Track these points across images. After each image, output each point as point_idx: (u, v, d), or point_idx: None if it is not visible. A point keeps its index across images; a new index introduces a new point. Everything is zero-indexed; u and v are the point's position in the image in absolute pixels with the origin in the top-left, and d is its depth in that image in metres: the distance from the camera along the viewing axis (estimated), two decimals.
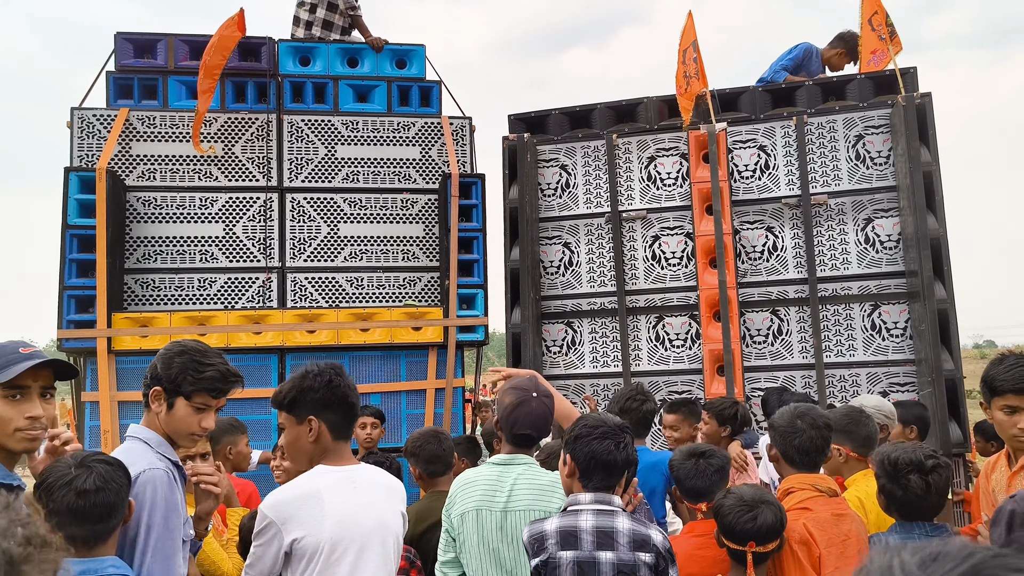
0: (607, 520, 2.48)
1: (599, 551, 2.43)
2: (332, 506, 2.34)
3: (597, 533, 2.45)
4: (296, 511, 2.33)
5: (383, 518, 2.43)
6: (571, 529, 2.47)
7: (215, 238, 5.92)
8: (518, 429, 2.81)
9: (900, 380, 5.57)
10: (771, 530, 2.63)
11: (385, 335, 5.75)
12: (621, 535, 2.45)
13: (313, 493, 2.36)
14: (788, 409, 3.02)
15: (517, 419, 2.81)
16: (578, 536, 2.46)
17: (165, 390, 2.36)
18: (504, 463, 2.83)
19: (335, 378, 2.46)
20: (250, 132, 6.04)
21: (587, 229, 6.22)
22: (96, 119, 5.86)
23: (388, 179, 6.18)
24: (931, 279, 5.33)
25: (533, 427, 2.82)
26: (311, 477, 2.44)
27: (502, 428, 2.87)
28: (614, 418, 2.67)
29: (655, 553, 2.44)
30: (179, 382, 2.36)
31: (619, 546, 2.43)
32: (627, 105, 6.34)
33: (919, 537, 2.83)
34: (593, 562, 2.42)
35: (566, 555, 2.44)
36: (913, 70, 5.89)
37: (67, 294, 5.45)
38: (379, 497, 2.46)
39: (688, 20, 6.15)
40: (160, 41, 6.01)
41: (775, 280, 5.84)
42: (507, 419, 2.83)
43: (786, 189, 5.88)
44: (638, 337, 6.03)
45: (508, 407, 2.84)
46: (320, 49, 6.22)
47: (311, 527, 2.31)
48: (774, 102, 6.08)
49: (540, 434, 2.86)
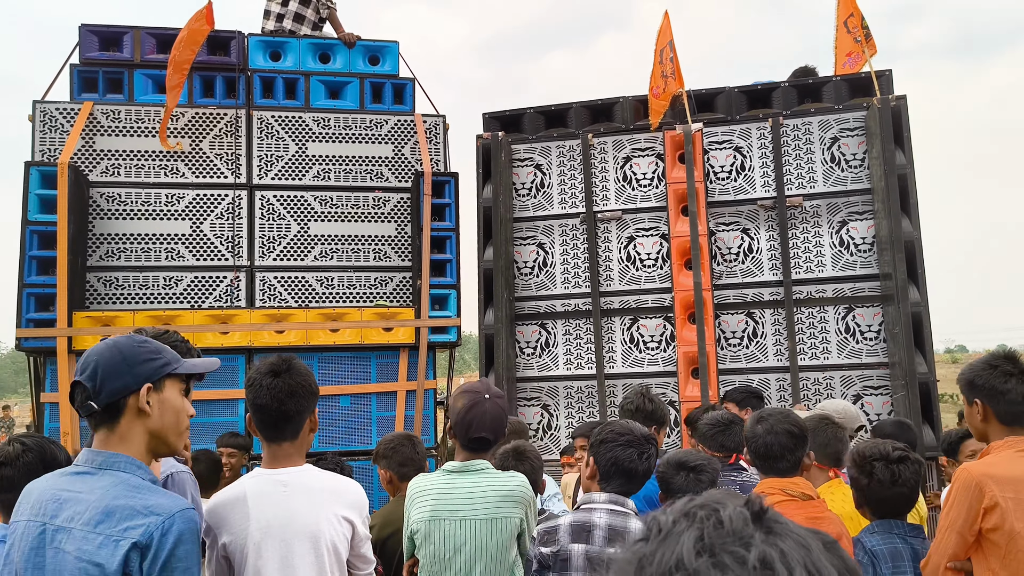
0: (620, 520, 2.51)
1: (610, 547, 2.45)
2: (256, 510, 2.24)
3: (610, 531, 2.48)
4: (224, 515, 2.25)
5: (315, 522, 2.31)
6: (584, 524, 2.50)
7: (181, 236, 5.78)
8: (473, 432, 2.70)
9: (874, 383, 5.55)
10: None
11: (355, 336, 5.64)
12: (632, 535, 2.40)
13: (239, 497, 2.27)
14: (756, 414, 2.98)
15: (471, 422, 2.70)
16: (591, 531, 2.49)
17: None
18: (460, 470, 2.71)
19: (256, 377, 2.35)
20: (218, 128, 5.91)
21: (562, 229, 6.15)
22: (59, 113, 5.71)
23: (360, 177, 6.08)
24: (905, 282, 5.32)
25: (488, 429, 2.70)
26: (241, 481, 2.35)
27: (456, 434, 2.76)
28: (641, 427, 2.68)
29: None
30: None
31: None
32: (603, 104, 6.28)
33: (899, 538, 2.79)
34: (602, 558, 2.43)
35: (577, 548, 2.46)
36: (888, 73, 5.89)
37: (26, 292, 5.29)
38: (315, 500, 2.34)
39: (664, 20, 6.10)
40: (126, 34, 5.86)
41: (750, 282, 5.81)
42: (461, 423, 2.72)
43: (762, 191, 5.85)
44: (612, 339, 5.97)
45: (461, 411, 2.74)
46: (291, 44, 6.10)
47: (237, 531, 2.23)
48: (750, 103, 6.05)
49: (496, 436, 2.75)
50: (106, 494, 1.78)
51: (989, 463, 2.61)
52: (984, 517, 2.55)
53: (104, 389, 1.85)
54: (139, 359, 1.90)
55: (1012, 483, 2.52)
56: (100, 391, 1.84)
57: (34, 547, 1.79)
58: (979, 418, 2.77)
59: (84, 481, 1.83)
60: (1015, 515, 2.51)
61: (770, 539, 0.69)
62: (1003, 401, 2.68)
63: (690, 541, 0.70)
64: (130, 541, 1.70)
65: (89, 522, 1.74)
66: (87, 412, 1.87)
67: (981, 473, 2.57)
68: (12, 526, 1.86)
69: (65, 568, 1.73)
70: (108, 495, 1.78)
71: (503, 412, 2.77)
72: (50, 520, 1.78)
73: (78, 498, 1.79)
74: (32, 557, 1.78)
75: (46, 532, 1.78)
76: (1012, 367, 2.71)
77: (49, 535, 1.77)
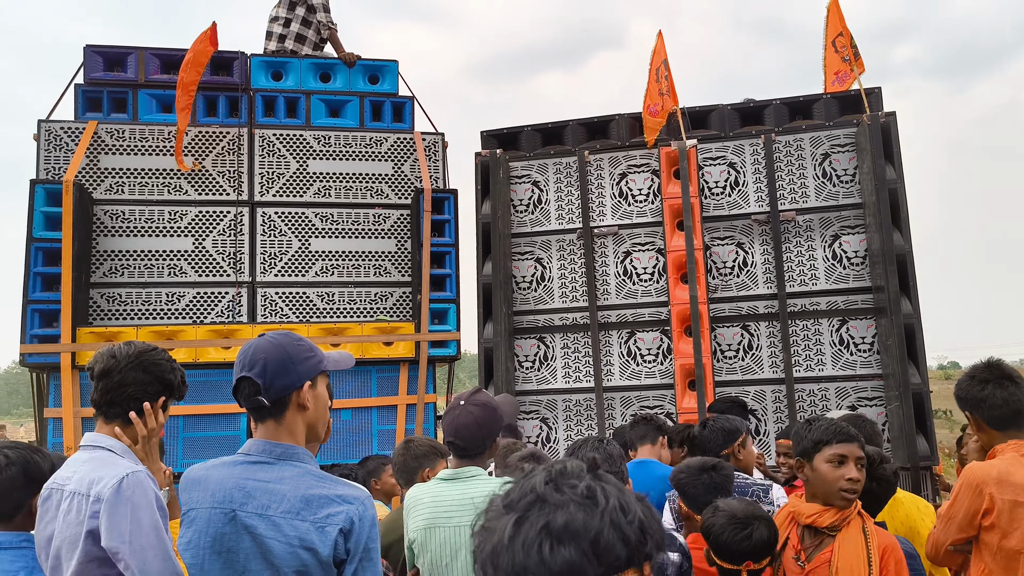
0: None
1: None
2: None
3: None
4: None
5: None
6: None
7: (184, 252, 5.85)
8: (446, 438, 2.81)
9: (868, 394, 5.63)
10: (766, 546, 2.55)
11: (356, 350, 5.70)
12: None
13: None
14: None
15: (445, 428, 2.81)
16: None
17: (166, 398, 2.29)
18: (451, 478, 2.76)
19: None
20: (221, 146, 6.00)
21: (559, 245, 6.24)
22: (64, 132, 5.79)
23: (360, 194, 6.17)
24: (897, 294, 5.42)
25: (455, 435, 2.75)
26: None
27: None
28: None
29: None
30: (179, 388, 2.33)
31: None
32: (599, 122, 6.40)
33: None
34: None
35: None
36: (878, 90, 6.02)
37: (31, 308, 5.34)
38: None
39: (658, 40, 6.24)
40: (131, 54, 5.96)
41: (745, 295, 5.90)
42: (442, 429, 2.83)
43: (755, 206, 5.96)
44: (610, 352, 6.04)
45: (443, 418, 2.85)
46: (292, 64, 6.21)
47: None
48: (743, 120, 6.17)
49: (465, 442, 2.76)
50: (299, 483, 1.90)
51: (992, 465, 2.70)
52: (982, 516, 2.65)
53: (274, 385, 1.95)
54: (301, 357, 2.01)
55: (1012, 486, 2.61)
56: (270, 387, 1.95)
57: (224, 532, 1.87)
58: (975, 428, 2.87)
59: (266, 471, 1.93)
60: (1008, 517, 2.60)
61: (597, 480, 1.08)
62: (985, 408, 2.77)
63: (541, 477, 1.08)
64: (337, 527, 1.84)
65: (290, 510, 1.86)
66: (255, 406, 1.97)
67: (983, 475, 2.67)
68: (192, 513, 1.92)
69: (270, 552, 1.83)
70: (301, 484, 1.89)
71: (475, 419, 2.75)
72: (240, 507, 1.88)
73: (267, 488, 1.89)
74: (223, 541, 1.87)
75: (237, 518, 1.87)
76: (987, 374, 2.80)
77: (242, 521, 1.86)
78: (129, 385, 2.23)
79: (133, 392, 2.23)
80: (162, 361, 2.30)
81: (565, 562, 0.99)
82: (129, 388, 2.23)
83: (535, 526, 1.02)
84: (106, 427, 2.25)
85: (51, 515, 2.10)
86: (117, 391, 2.23)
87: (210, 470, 1.98)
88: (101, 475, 2.07)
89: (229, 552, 1.87)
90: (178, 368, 2.36)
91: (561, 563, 0.99)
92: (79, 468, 2.13)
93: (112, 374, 2.23)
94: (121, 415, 2.24)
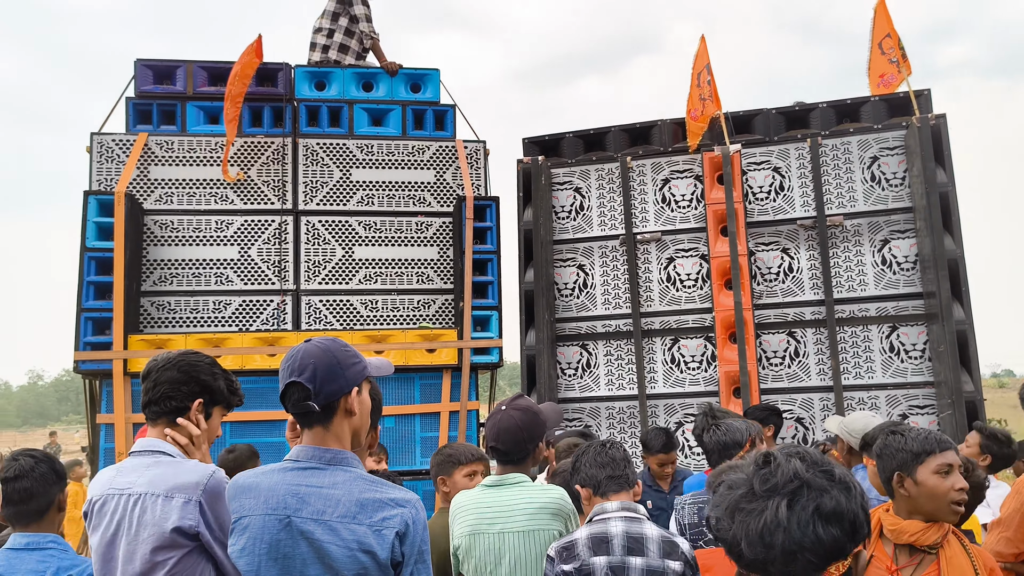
0: (636, 527, 2.48)
1: (630, 556, 2.42)
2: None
3: (627, 538, 2.45)
4: None
5: None
6: (602, 535, 2.47)
7: (230, 261, 5.95)
8: (488, 443, 2.80)
9: (920, 402, 5.50)
10: None
11: (399, 357, 5.74)
12: (651, 541, 2.44)
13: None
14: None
15: (487, 433, 2.81)
16: (609, 542, 2.45)
17: (205, 401, 2.34)
18: (495, 484, 2.77)
19: None
20: (266, 156, 6.10)
21: (601, 251, 6.21)
22: (115, 144, 5.93)
23: (403, 202, 6.21)
24: (949, 300, 5.29)
25: (496, 439, 2.76)
26: None
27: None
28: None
29: (683, 561, 2.42)
30: (222, 392, 2.36)
31: (649, 552, 2.42)
32: (641, 128, 6.36)
33: None
34: (623, 567, 2.41)
35: (599, 561, 2.42)
36: (927, 92, 5.89)
37: (84, 316, 5.48)
38: None
39: (701, 44, 6.19)
40: (179, 67, 6.09)
41: (791, 302, 5.81)
42: (484, 435, 2.83)
43: (801, 210, 5.86)
44: (653, 359, 5.99)
45: (485, 423, 2.85)
46: (335, 73, 6.29)
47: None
48: (788, 124, 6.09)
49: (507, 446, 2.76)
50: (352, 488, 1.92)
51: None
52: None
53: (323, 391, 1.96)
54: (348, 362, 2.02)
55: None
56: (319, 392, 1.96)
57: (280, 538, 1.89)
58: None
59: (317, 476, 1.94)
60: None
61: (838, 467, 1.30)
62: None
63: (799, 464, 1.24)
64: (393, 530, 1.88)
65: (346, 514, 1.88)
66: (303, 411, 1.98)
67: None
68: (244, 520, 1.94)
69: (328, 556, 1.85)
70: (355, 489, 1.92)
71: (517, 424, 2.76)
72: (294, 513, 1.89)
73: (321, 493, 1.91)
74: (279, 548, 1.89)
75: (292, 524, 1.89)
76: None
77: (297, 527, 1.88)
78: (163, 384, 2.28)
79: (167, 391, 2.28)
80: (200, 363, 2.34)
81: (833, 540, 1.19)
82: (163, 387, 2.28)
83: (807, 509, 1.20)
84: (154, 430, 2.30)
85: (109, 519, 2.13)
86: (153, 391, 2.29)
87: (259, 477, 1.99)
88: (181, 475, 2.14)
89: (285, 558, 1.88)
90: (223, 374, 2.39)
91: (830, 541, 1.19)
92: (143, 473, 2.16)
93: (151, 374, 2.30)
94: (161, 415, 2.28)
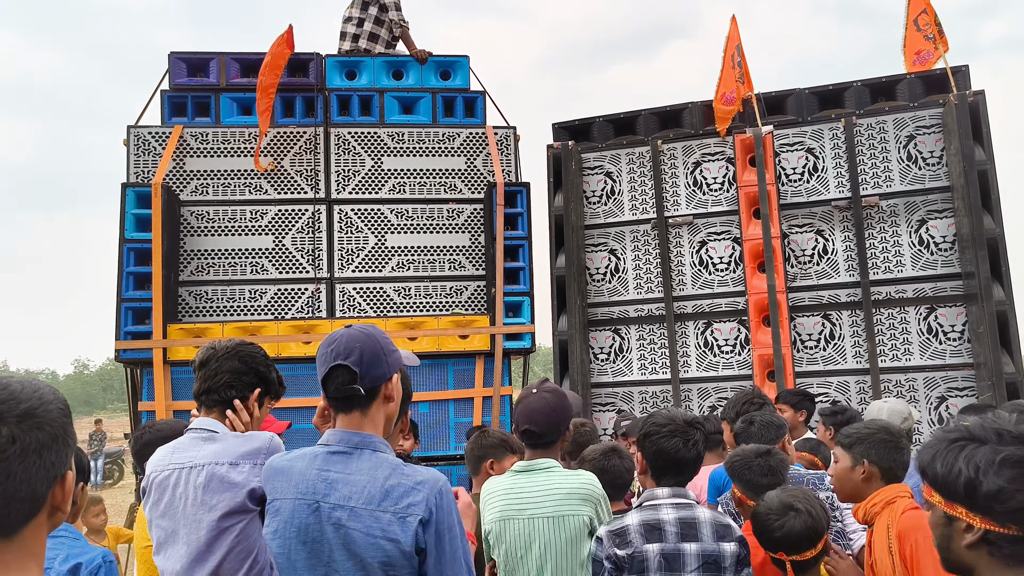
0: (688, 512, 2.48)
1: (684, 543, 2.42)
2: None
3: (681, 524, 2.45)
4: None
5: None
6: (654, 522, 2.46)
7: (265, 250, 6.03)
8: (520, 427, 2.77)
9: (959, 384, 5.43)
10: (801, 538, 2.47)
11: (432, 344, 5.78)
12: (704, 525, 2.45)
13: None
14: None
15: (518, 417, 2.78)
16: (662, 529, 2.45)
17: (261, 392, 2.39)
18: (524, 469, 2.76)
19: None
20: (298, 146, 6.16)
21: (633, 235, 6.20)
22: (151, 136, 6.03)
23: (434, 189, 6.24)
24: (988, 280, 5.20)
25: (530, 421, 2.74)
26: None
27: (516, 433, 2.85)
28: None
29: (738, 541, 2.43)
30: (275, 384, 2.41)
31: (703, 536, 2.43)
32: (671, 111, 6.32)
33: None
34: (678, 554, 2.41)
35: (652, 548, 2.43)
36: (965, 68, 5.78)
37: (124, 306, 5.58)
38: None
39: (732, 25, 6.12)
40: (212, 60, 6.16)
41: (826, 284, 5.75)
42: (515, 420, 2.82)
43: (836, 192, 5.79)
44: (686, 343, 5.97)
45: (515, 408, 2.83)
46: (366, 63, 6.32)
47: None
48: (821, 104, 6.01)
49: (541, 428, 2.74)
50: (377, 474, 1.93)
51: None
52: None
53: (368, 375, 1.98)
54: (389, 349, 2.05)
55: None
56: (365, 376, 1.98)
57: (309, 523, 1.92)
58: None
59: (345, 462, 1.96)
60: None
61: None
62: None
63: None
64: (417, 517, 1.87)
65: (371, 501, 1.89)
66: (347, 395, 1.99)
67: None
68: (276, 503, 1.97)
69: (353, 543, 1.87)
70: (380, 475, 1.93)
71: (549, 406, 2.75)
72: (323, 499, 1.92)
73: (348, 479, 1.93)
74: (308, 532, 1.92)
75: (321, 509, 1.91)
76: None
77: (326, 512, 1.91)
78: (225, 373, 2.33)
79: (228, 380, 2.33)
80: (257, 354, 2.39)
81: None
82: (224, 376, 2.33)
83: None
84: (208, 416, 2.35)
85: (172, 492, 2.19)
86: (213, 379, 2.33)
87: (293, 460, 2.02)
88: (244, 444, 2.21)
89: (314, 543, 1.90)
90: (274, 366, 2.44)
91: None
92: (202, 447, 2.22)
93: (210, 363, 2.34)
94: (219, 404, 2.33)
